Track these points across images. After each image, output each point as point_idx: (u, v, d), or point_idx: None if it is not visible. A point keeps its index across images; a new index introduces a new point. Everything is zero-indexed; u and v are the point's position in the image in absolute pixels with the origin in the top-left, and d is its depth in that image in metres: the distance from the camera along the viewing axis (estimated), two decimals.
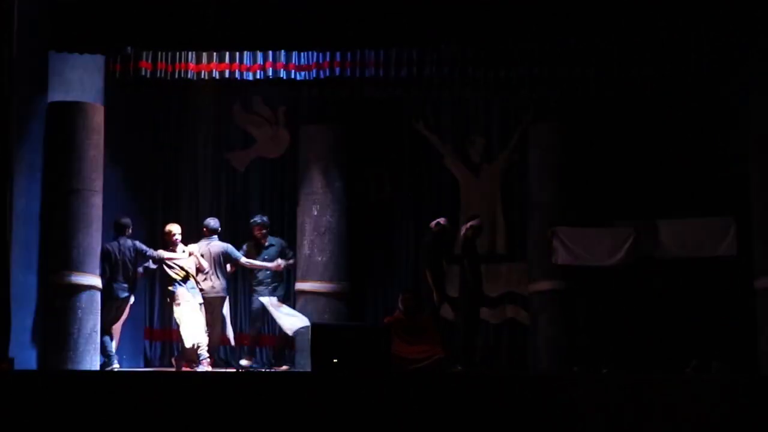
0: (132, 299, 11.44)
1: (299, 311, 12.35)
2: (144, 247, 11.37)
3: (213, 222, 11.81)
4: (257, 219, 12.05)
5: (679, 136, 11.99)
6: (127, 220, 11.32)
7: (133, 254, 11.22)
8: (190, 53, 11.25)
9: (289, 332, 11.57)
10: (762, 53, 10.60)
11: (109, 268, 11.09)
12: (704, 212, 11.35)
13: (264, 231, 12.01)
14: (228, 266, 11.75)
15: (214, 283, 11.59)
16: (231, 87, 12.06)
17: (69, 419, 8.53)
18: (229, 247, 11.73)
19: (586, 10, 10.33)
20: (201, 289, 11.45)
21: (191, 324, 11.19)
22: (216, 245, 11.69)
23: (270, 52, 11.22)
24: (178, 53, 11.22)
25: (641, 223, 11.43)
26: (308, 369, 10.56)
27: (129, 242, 11.24)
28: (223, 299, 11.71)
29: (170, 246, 11.42)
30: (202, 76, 11.34)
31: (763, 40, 10.45)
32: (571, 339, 11.62)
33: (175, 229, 11.48)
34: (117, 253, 11.14)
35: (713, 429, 8.39)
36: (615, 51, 10.79)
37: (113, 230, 11.25)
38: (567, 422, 8.52)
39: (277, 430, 8.60)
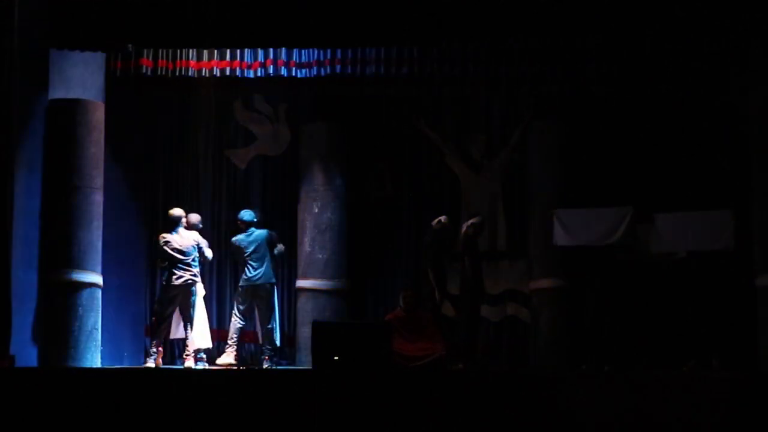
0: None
1: (300, 309, 12.38)
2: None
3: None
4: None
5: (679, 130, 11.99)
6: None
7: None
8: (190, 51, 11.27)
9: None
10: (761, 47, 10.60)
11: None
12: (703, 207, 11.36)
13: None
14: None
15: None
16: (232, 84, 12.09)
17: (70, 416, 8.54)
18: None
19: (586, 8, 10.33)
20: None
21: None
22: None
23: (271, 50, 11.24)
24: (178, 51, 11.24)
25: (640, 216, 11.46)
26: (309, 366, 10.56)
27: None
28: None
29: None
30: (203, 74, 11.37)
31: (763, 36, 10.45)
32: (571, 337, 11.63)
33: None
34: None
35: (713, 426, 8.39)
36: (615, 48, 10.80)
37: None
38: (568, 419, 8.53)
39: (278, 428, 8.60)
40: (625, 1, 10.25)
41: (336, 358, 9.52)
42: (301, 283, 12.47)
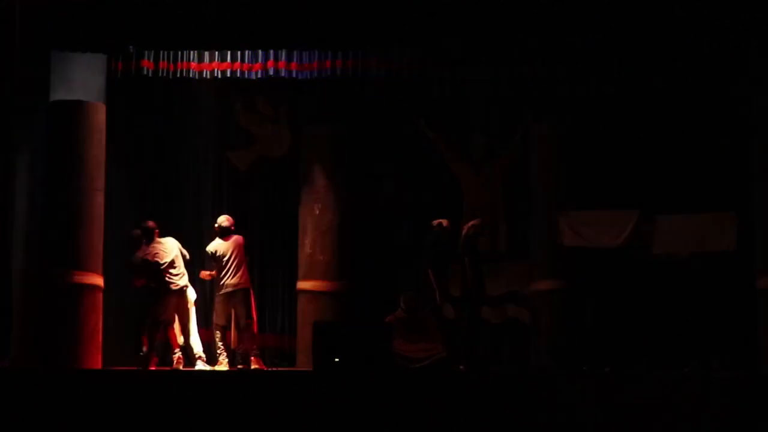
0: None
1: (301, 310, 12.38)
2: None
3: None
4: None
5: (680, 131, 11.98)
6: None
7: None
8: (192, 52, 11.25)
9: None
10: (761, 48, 10.60)
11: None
12: (705, 208, 11.37)
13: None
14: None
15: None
16: (233, 86, 12.10)
17: (70, 418, 8.54)
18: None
19: (587, 8, 10.34)
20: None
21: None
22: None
23: (272, 52, 11.22)
24: (180, 52, 11.22)
25: (643, 217, 11.48)
26: (310, 368, 10.55)
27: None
28: None
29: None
30: (204, 76, 11.35)
31: (763, 36, 10.44)
32: (571, 338, 11.63)
33: None
34: None
35: (713, 427, 8.39)
36: (615, 48, 10.79)
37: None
38: (568, 420, 8.53)
39: (279, 429, 8.60)
40: (625, 1, 10.25)
41: (337, 359, 9.52)
42: (302, 284, 12.47)
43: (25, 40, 10.19)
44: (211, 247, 11.29)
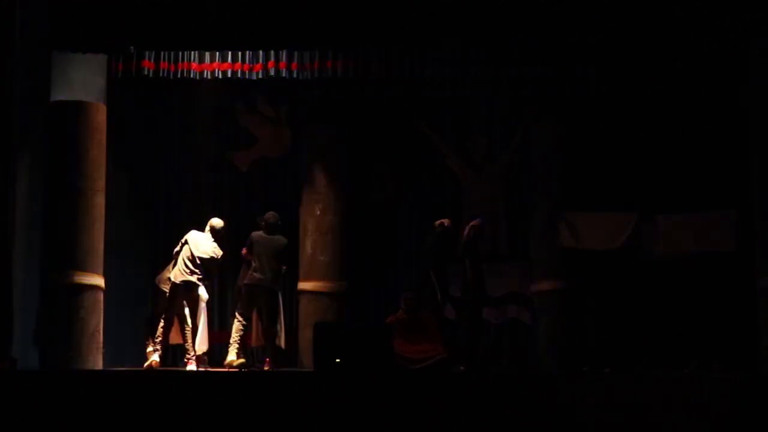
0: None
1: (301, 311, 12.37)
2: None
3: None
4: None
5: (680, 131, 11.99)
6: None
7: None
8: (192, 53, 11.25)
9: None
10: (761, 48, 10.60)
11: None
12: (705, 207, 11.38)
13: None
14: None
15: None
16: (233, 86, 12.09)
17: (72, 419, 8.54)
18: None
19: (587, 8, 10.34)
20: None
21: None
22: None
23: (272, 52, 11.23)
24: (180, 53, 11.22)
25: (643, 217, 11.49)
26: (311, 369, 10.56)
27: None
28: None
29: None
30: (205, 76, 11.34)
31: (763, 36, 10.45)
32: (572, 339, 11.64)
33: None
34: None
35: (714, 428, 8.40)
36: (615, 48, 10.80)
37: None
38: (568, 421, 8.53)
39: (279, 430, 8.61)
40: (625, 1, 10.26)
41: (337, 360, 9.52)
42: (302, 285, 12.47)
43: (25, 40, 10.18)
44: (256, 235, 11.07)
